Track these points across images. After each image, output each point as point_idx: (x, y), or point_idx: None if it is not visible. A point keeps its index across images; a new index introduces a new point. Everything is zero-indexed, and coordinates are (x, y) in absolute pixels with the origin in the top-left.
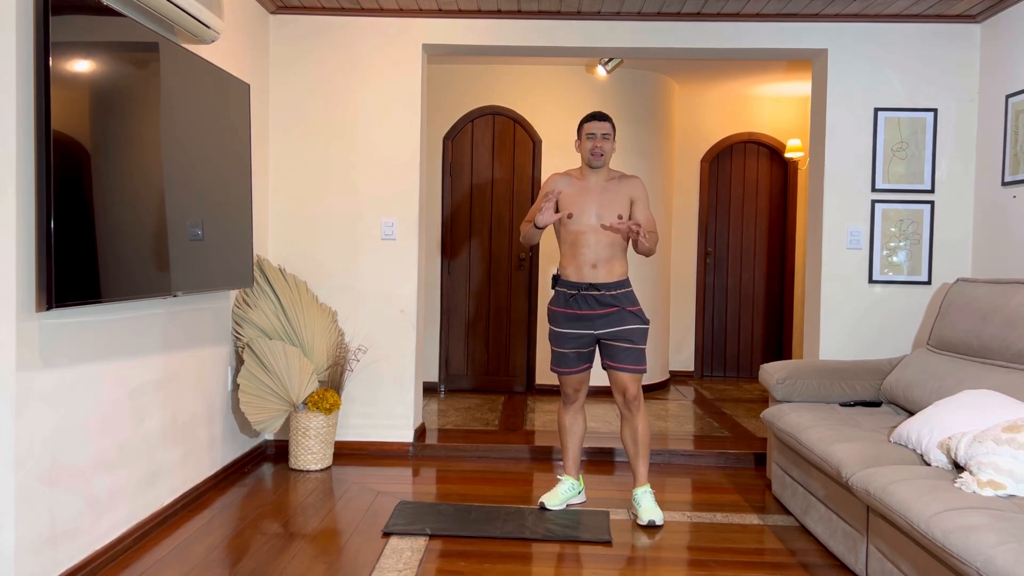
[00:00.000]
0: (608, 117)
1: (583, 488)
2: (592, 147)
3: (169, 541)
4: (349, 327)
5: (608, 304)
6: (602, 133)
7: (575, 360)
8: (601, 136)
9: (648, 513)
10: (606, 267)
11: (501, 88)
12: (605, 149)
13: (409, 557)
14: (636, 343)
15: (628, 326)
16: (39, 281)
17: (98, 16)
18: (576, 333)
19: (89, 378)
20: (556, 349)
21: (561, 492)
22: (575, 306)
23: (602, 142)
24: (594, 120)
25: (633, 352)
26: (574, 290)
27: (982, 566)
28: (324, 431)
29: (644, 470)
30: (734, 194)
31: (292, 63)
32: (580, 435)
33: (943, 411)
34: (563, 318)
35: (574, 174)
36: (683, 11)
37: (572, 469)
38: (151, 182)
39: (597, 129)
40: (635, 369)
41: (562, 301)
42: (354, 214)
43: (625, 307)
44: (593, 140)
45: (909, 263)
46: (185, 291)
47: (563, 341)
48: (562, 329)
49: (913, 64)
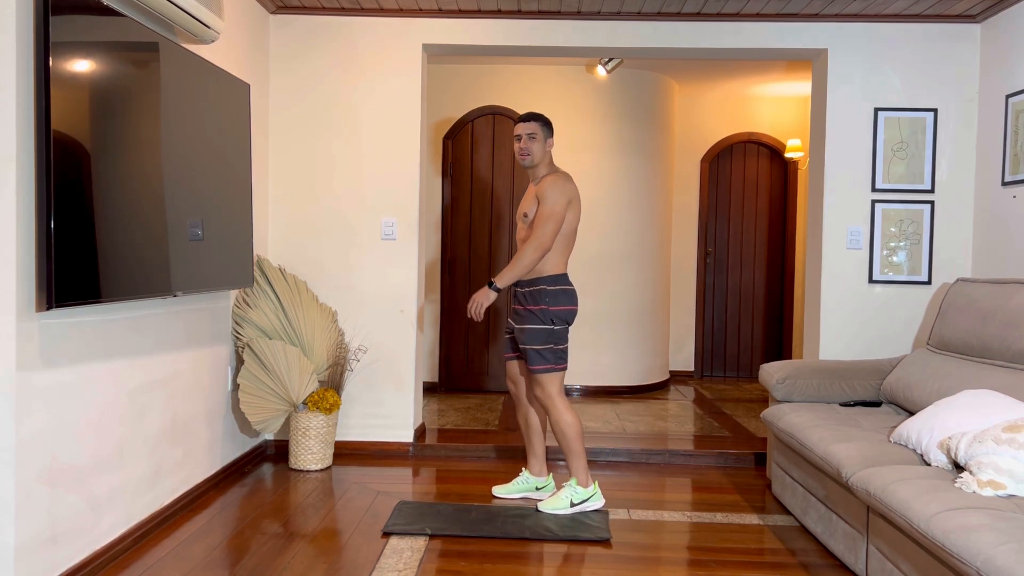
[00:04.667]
0: (537, 117)
1: (549, 484)
2: (517, 148)
3: (169, 541)
4: (349, 327)
5: (519, 301)
6: (527, 134)
7: (508, 346)
8: (527, 136)
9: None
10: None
11: (501, 88)
12: (531, 150)
13: (409, 557)
14: (527, 343)
15: (524, 325)
16: (39, 281)
17: (98, 16)
18: (509, 323)
19: (89, 378)
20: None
21: (514, 483)
22: (513, 299)
23: (528, 143)
24: (519, 121)
25: (529, 352)
26: (516, 286)
27: (982, 566)
28: (324, 431)
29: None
30: (734, 194)
31: (292, 63)
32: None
33: (943, 411)
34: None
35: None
36: (683, 11)
37: (533, 464)
38: (151, 182)
39: (522, 130)
40: (530, 368)
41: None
42: (354, 214)
43: (527, 306)
44: (519, 141)
45: (909, 263)
46: (185, 291)
47: (506, 328)
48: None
49: (913, 64)
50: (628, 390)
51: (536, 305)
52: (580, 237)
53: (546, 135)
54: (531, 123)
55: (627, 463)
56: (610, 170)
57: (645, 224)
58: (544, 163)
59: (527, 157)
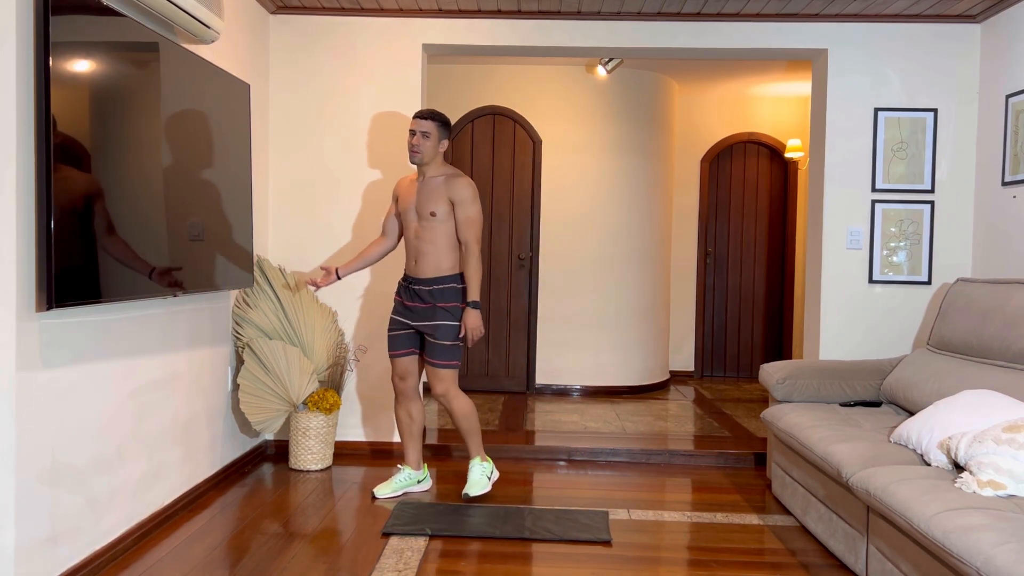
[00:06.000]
0: (435, 116)
1: (426, 476)
2: (409, 144)
3: (169, 541)
4: (349, 327)
5: (424, 299)
6: (421, 131)
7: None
8: (420, 134)
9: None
10: (423, 262)
11: (501, 88)
12: (422, 148)
13: (409, 557)
14: (440, 339)
15: (436, 321)
16: (39, 281)
17: (98, 16)
18: (402, 321)
19: (89, 378)
20: (389, 333)
21: (396, 481)
22: (404, 296)
23: (421, 140)
24: (416, 117)
25: (439, 348)
26: (403, 282)
27: (982, 566)
28: (324, 431)
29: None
30: (734, 194)
31: (292, 63)
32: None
33: (943, 411)
34: (396, 305)
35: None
36: (683, 11)
37: (413, 460)
38: (151, 182)
39: (416, 127)
40: (437, 364)
41: (399, 290)
42: (354, 214)
43: (437, 303)
44: (412, 136)
45: (909, 263)
46: (185, 291)
47: (392, 325)
48: (393, 315)
49: (913, 64)
50: (628, 390)
51: (449, 303)
52: (580, 237)
53: (441, 135)
54: (428, 121)
55: (627, 463)
56: (610, 170)
57: (645, 224)
58: (436, 162)
59: (417, 155)
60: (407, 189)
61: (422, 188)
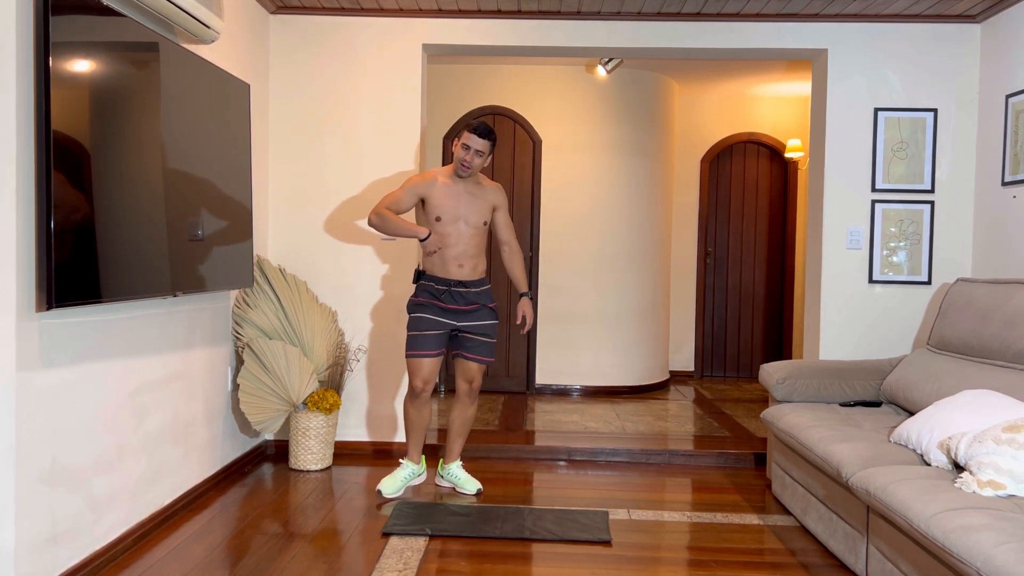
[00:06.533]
0: (491, 135)
1: (424, 470)
2: (463, 159)
3: (169, 541)
4: (349, 327)
5: (471, 301)
6: (476, 150)
7: (433, 343)
8: (475, 152)
9: (472, 483)
10: (471, 267)
11: (501, 88)
12: (474, 165)
13: (409, 557)
14: (490, 337)
15: (487, 321)
16: (39, 281)
17: (98, 16)
18: (440, 322)
19: (89, 378)
20: (418, 333)
21: (401, 477)
22: (446, 300)
23: (474, 158)
24: (475, 134)
25: (487, 345)
26: (443, 286)
27: (982, 566)
28: (324, 431)
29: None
30: (734, 194)
31: (292, 63)
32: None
33: (943, 411)
34: (429, 307)
35: (441, 175)
36: (683, 11)
37: (416, 455)
38: (151, 182)
39: (471, 143)
40: (486, 360)
41: (428, 295)
42: (354, 214)
43: (486, 304)
44: (466, 152)
45: (909, 263)
46: (185, 291)
47: (425, 325)
48: (426, 315)
49: (913, 64)
50: (628, 390)
51: (492, 302)
52: (580, 237)
53: (489, 155)
54: (486, 142)
55: (627, 463)
56: (610, 170)
57: (645, 224)
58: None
59: (468, 171)
60: (444, 195)
61: (468, 198)
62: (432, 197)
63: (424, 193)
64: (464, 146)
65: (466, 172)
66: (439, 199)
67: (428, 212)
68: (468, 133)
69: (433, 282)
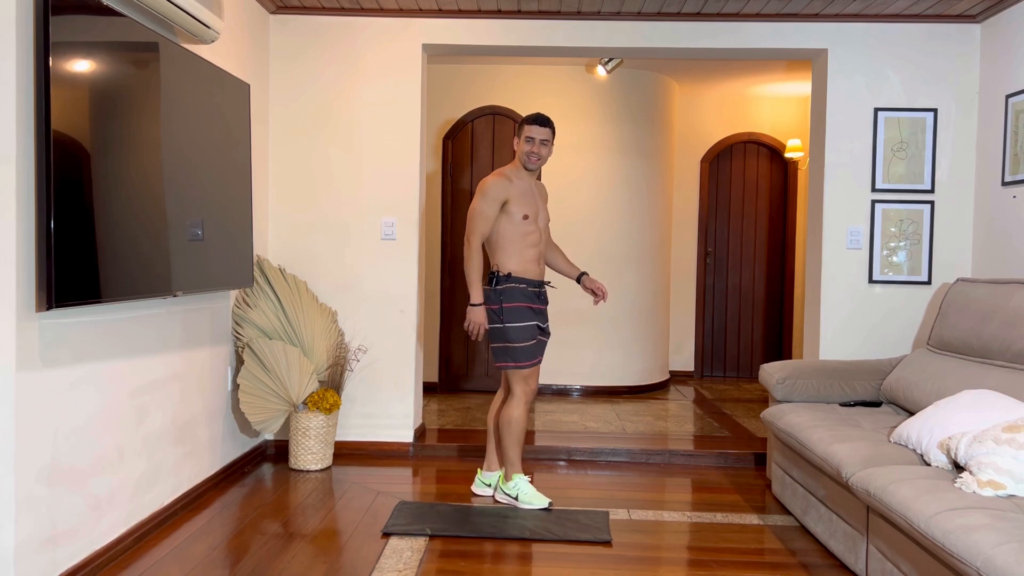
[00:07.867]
0: (550, 123)
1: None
2: (530, 151)
3: (169, 541)
4: (349, 327)
5: (546, 300)
6: (541, 139)
7: (541, 349)
8: (540, 142)
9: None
10: (543, 265)
11: (501, 88)
12: (543, 155)
13: (409, 557)
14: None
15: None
16: (39, 281)
17: (98, 16)
18: (542, 327)
19: (89, 378)
20: (527, 344)
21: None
22: (537, 301)
23: (540, 147)
24: (536, 124)
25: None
26: (535, 287)
27: (982, 566)
28: (324, 431)
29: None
30: (734, 194)
31: (292, 63)
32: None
33: (943, 411)
34: (528, 312)
35: (510, 175)
36: (683, 11)
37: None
38: (151, 182)
39: (537, 134)
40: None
41: (523, 297)
42: (354, 214)
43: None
44: (532, 144)
45: (909, 263)
46: (185, 291)
47: (536, 332)
48: (532, 323)
49: (913, 64)
50: (628, 390)
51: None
52: (580, 237)
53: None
54: (548, 129)
55: (627, 463)
56: (610, 170)
57: (645, 224)
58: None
59: (538, 161)
60: (521, 193)
61: (537, 195)
62: (514, 197)
63: (506, 196)
64: (528, 139)
65: (536, 164)
66: (520, 198)
67: (512, 213)
68: (528, 125)
69: (526, 284)
